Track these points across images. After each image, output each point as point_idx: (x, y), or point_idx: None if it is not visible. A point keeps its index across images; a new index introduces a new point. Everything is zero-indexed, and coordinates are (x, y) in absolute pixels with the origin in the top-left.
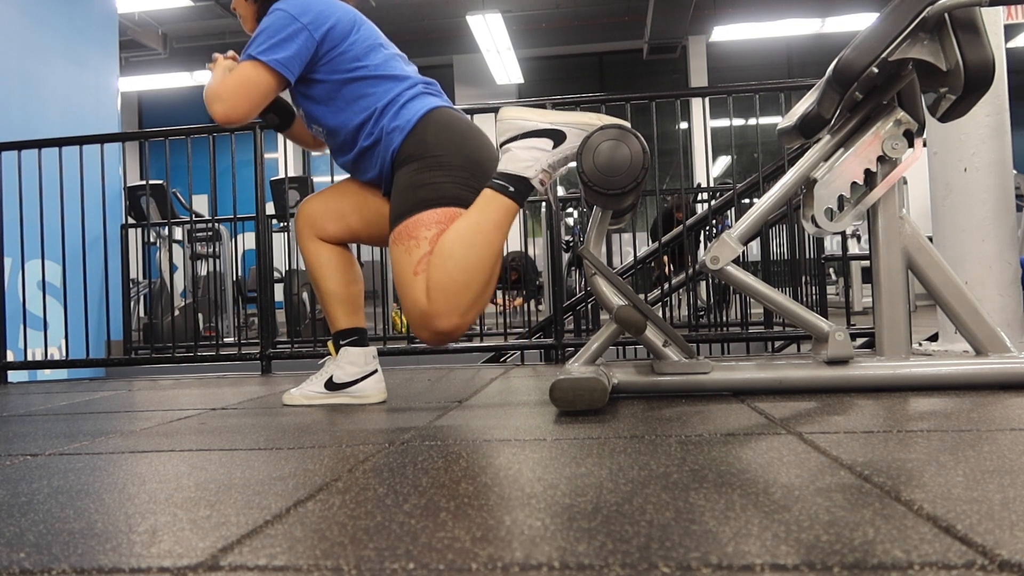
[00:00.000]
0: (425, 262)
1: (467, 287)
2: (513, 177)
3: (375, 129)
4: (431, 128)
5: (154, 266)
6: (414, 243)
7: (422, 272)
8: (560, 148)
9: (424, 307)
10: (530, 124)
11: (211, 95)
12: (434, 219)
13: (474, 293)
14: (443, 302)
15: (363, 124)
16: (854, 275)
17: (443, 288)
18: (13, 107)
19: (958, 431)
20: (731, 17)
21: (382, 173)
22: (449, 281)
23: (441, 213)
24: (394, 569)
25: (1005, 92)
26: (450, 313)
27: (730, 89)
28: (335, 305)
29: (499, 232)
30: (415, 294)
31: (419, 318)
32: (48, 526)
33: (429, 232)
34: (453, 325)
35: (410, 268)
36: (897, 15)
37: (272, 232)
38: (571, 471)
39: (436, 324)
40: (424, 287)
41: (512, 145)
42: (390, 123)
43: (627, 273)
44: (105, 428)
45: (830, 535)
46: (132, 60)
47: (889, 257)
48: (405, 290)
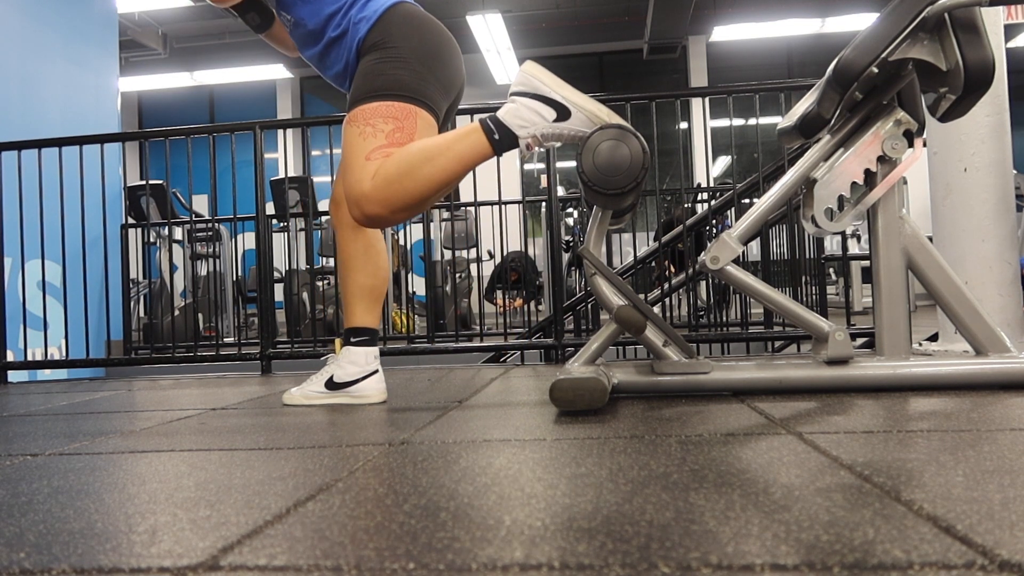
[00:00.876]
0: (380, 152)
1: (407, 192)
2: (504, 127)
3: (343, 20)
4: (396, 19)
5: (154, 266)
6: (369, 129)
7: (375, 159)
8: (560, 124)
9: (365, 189)
10: (544, 88)
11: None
12: (391, 112)
13: (409, 199)
14: (381, 194)
15: (333, 15)
16: (854, 275)
17: (388, 183)
18: (13, 107)
19: (958, 431)
20: (731, 17)
21: (347, 66)
22: (395, 180)
23: (397, 108)
24: (394, 569)
25: (1005, 92)
26: (382, 204)
27: (730, 89)
28: (359, 298)
29: (461, 164)
30: (361, 175)
31: (356, 197)
32: (48, 526)
33: (386, 125)
34: (379, 215)
35: (363, 152)
36: (897, 15)
37: (272, 232)
38: (571, 471)
39: (367, 207)
40: (371, 172)
41: (519, 99)
42: (357, 14)
43: (627, 273)
44: (105, 428)
45: (830, 535)
46: (132, 60)
47: (889, 257)
48: (352, 170)
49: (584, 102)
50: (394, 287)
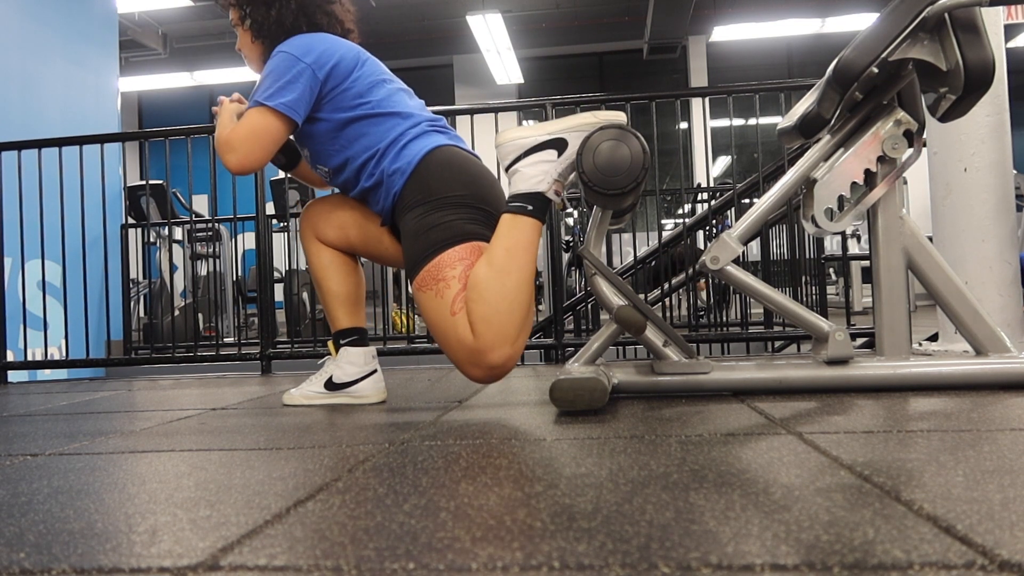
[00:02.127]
0: (461, 299)
1: (511, 314)
2: (528, 195)
3: (376, 171)
4: (433, 169)
5: (154, 266)
6: (443, 284)
7: (460, 311)
8: (565, 155)
9: (472, 344)
10: (529, 140)
11: (223, 145)
12: (457, 257)
13: (519, 319)
14: (491, 334)
15: (364, 164)
16: (854, 275)
17: (487, 320)
18: (13, 107)
19: (958, 431)
20: (731, 17)
21: (384, 211)
22: (492, 312)
23: (462, 250)
24: (394, 569)
25: (1005, 92)
26: (501, 344)
27: (730, 89)
28: (336, 305)
29: (529, 253)
30: (459, 333)
31: (468, 356)
32: (48, 526)
33: (455, 271)
34: (506, 355)
35: (446, 310)
36: (897, 15)
37: (272, 232)
38: (571, 471)
39: (488, 358)
40: (466, 324)
41: (518, 166)
42: (391, 165)
43: (627, 273)
44: (105, 428)
45: (830, 535)
46: (132, 60)
47: (889, 257)
48: (447, 333)
49: (567, 123)
50: (394, 287)
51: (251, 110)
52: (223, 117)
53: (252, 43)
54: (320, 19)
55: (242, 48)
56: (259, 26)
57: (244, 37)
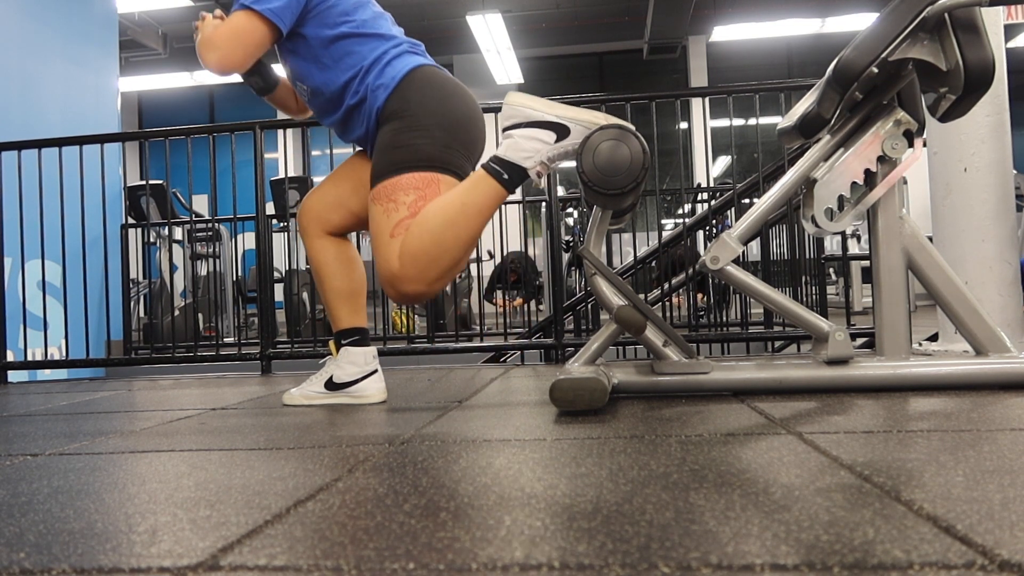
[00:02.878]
0: (404, 226)
1: (438, 261)
2: (510, 164)
3: (361, 87)
4: (414, 86)
5: (154, 266)
6: (392, 206)
7: (399, 235)
8: (562, 143)
9: (395, 269)
10: (536, 114)
11: (204, 45)
12: (412, 184)
13: (443, 268)
14: (413, 269)
15: (349, 82)
16: (854, 275)
17: (415, 257)
18: (13, 107)
19: (958, 431)
20: (731, 17)
21: (368, 131)
22: (422, 253)
23: (419, 178)
24: (394, 569)
25: (1005, 92)
26: (417, 281)
27: (730, 89)
28: (338, 303)
29: (481, 216)
30: (388, 254)
31: (388, 278)
32: (48, 526)
33: (408, 197)
34: (418, 292)
35: (387, 230)
36: (897, 15)
37: (272, 232)
38: (571, 471)
39: (402, 287)
40: (398, 250)
41: (515, 132)
42: (375, 81)
43: (627, 273)
44: (105, 428)
45: (830, 535)
46: (132, 60)
47: (889, 257)
48: (380, 249)
49: (577, 114)
50: None
51: (236, 12)
52: (205, 27)
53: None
54: None
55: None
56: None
57: None
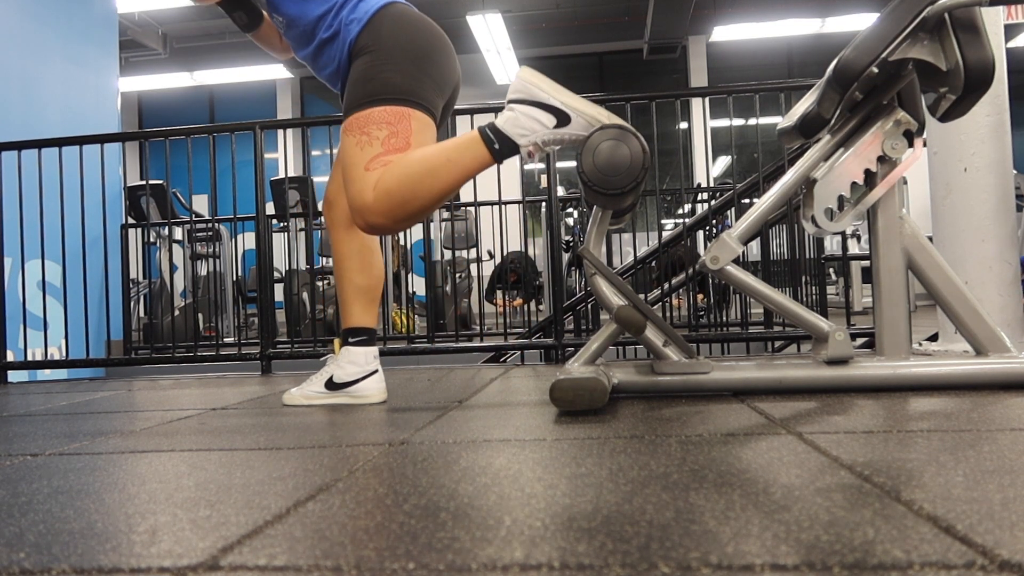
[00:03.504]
0: (379, 161)
1: (409, 203)
2: (504, 136)
3: (334, 21)
4: (386, 20)
5: (154, 266)
6: (365, 139)
7: (374, 169)
8: (560, 130)
9: (368, 201)
10: (542, 95)
11: None
12: (384, 118)
13: (411, 211)
14: (384, 205)
15: (323, 16)
16: (854, 275)
17: (389, 194)
18: (13, 107)
19: (958, 431)
20: (731, 17)
21: (339, 67)
22: (396, 192)
23: (391, 112)
24: (394, 569)
25: (1005, 92)
26: (385, 216)
27: (730, 89)
28: (354, 298)
29: (462, 174)
30: (362, 186)
31: (358, 207)
32: (48, 526)
33: (381, 132)
34: (383, 226)
35: (361, 163)
36: (897, 15)
37: (272, 232)
38: (571, 471)
39: (370, 218)
40: (372, 183)
41: (517, 107)
42: (348, 15)
43: (627, 273)
44: (105, 428)
45: (830, 535)
46: (132, 60)
47: (889, 257)
48: (353, 181)
49: (583, 106)
50: (394, 287)
51: None
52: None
53: None
54: None
55: None
56: None
57: None
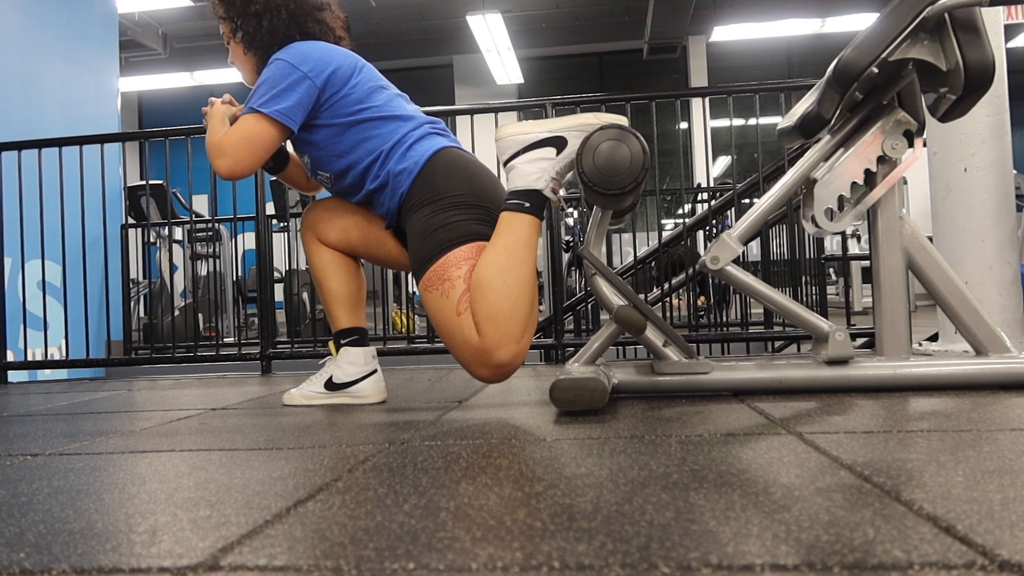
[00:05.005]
0: (466, 299)
1: (514, 312)
2: (525, 192)
3: (381, 172)
4: (439, 169)
5: (154, 266)
6: (448, 285)
7: (465, 311)
8: (564, 153)
9: (477, 343)
10: (529, 136)
11: (214, 150)
12: (462, 257)
13: (523, 317)
14: (495, 333)
15: (369, 167)
16: (854, 275)
17: (492, 319)
18: (13, 107)
19: (958, 431)
20: (731, 17)
21: (389, 212)
22: (496, 311)
23: (467, 250)
24: (394, 569)
25: (1005, 92)
26: (506, 342)
27: (730, 89)
28: (336, 305)
29: (529, 250)
30: (465, 333)
31: (475, 356)
32: (48, 526)
33: (460, 271)
34: (512, 353)
35: (452, 310)
36: (897, 15)
37: (272, 232)
38: (571, 471)
39: (494, 357)
40: (472, 324)
41: (516, 162)
42: (396, 165)
43: (627, 273)
44: (105, 428)
45: (830, 535)
46: (132, 60)
47: (889, 257)
48: (452, 333)
49: (568, 122)
50: (394, 287)
51: (246, 115)
52: (214, 120)
53: (244, 55)
54: (312, 27)
55: (235, 61)
56: (251, 38)
57: (236, 50)
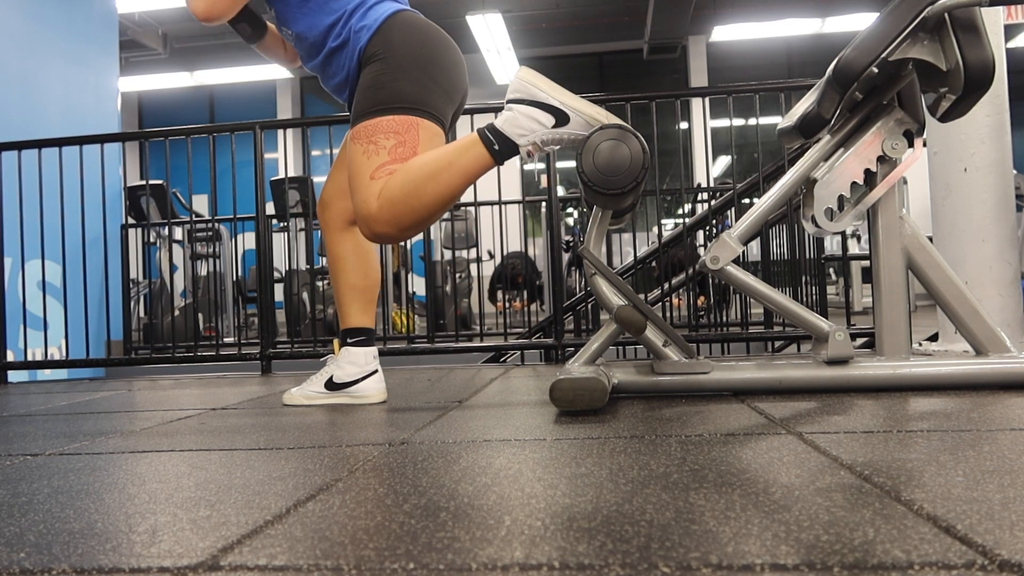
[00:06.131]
0: (385, 170)
1: (413, 211)
2: (504, 137)
3: (343, 30)
4: (396, 28)
5: (154, 266)
6: (372, 148)
7: (379, 178)
8: (559, 129)
9: (372, 210)
10: (540, 95)
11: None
12: (392, 127)
13: (417, 218)
14: (388, 214)
15: (333, 25)
16: (854, 275)
17: (392, 202)
18: (13, 107)
19: (958, 431)
20: (731, 17)
21: (348, 75)
22: (400, 200)
23: (399, 121)
24: (394, 569)
25: (1005, 92)
26: (391, 224)
27: (730, 89)
28: (350, 299)
29: (464, 178)
30: (367, 195)
31: (364, 216)
32: (48, 526)
33: (388, 141)
34: (389, 234)
35: (367, 171)
36: (897, 15)
37: (272, 232)
38: (571, 471)
39: (376, 227)
40: (377, 192)
41: (516, 107)
42: (358, 23)
43: (627, 273)
44: (105, 428)
45: (830, 535)
46: (132, 60)
47: (889, 257)
48: (358, 190)
49: (582, 105)
50: (394, 287)
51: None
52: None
53: None
54: None
55: None
56: None
57: None
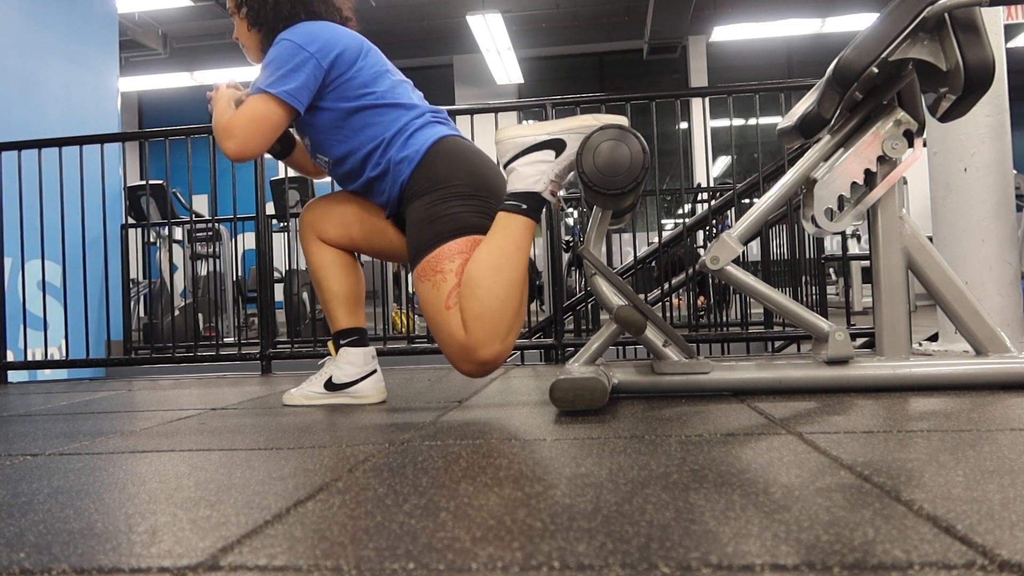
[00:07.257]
0: (455, 295)
1: (502, 312)
2: (523, 194)
3: (383, 159)
4: (440, 159)
5: (154, 266)
6: (440, 277)
7: (454, 305)
8: (563, 156)
9: (463, 339)
10: (528, 139)
11: (223, 132)
12: (456, 250)
13: (510, 317)
14: (481, 331)
15: (370, 154)
16: (854, 275)
17: (479, 317)
18: (13, 107)
19: (958, 431)
20: (731, 17)
21: (389, 200)
22: (483, 309)
23: (462, 243)
24: (394, 569)
25: (1005, 92)
26: (491, 340)
27: (730, 89)
28: (336, 305)
29: (521, 252)
30: (451, 328)
31: (459, 351)
32: (48, 526)
33: (453, 264)
34: (496, 352)
35: (441, 303)
36: (897, 15)
37: (272, 232)
38: (571, 471)
39: (478, 355)
40: (459, 320)
41: (515, 164)
42: (398, 154)
43: (627, 273)
44: (105, 428)
45: (830, 535)
46: (132, 60)
47: (889, 257)
48: (440, 326)
49: (567, 124)
50: (394, 287)
51: (253, 97)
52: (220, 103)
53: (249, 31)
54: (317, 7)
55: (239, 37)
56: (255, 14)
57: (241, 25)
